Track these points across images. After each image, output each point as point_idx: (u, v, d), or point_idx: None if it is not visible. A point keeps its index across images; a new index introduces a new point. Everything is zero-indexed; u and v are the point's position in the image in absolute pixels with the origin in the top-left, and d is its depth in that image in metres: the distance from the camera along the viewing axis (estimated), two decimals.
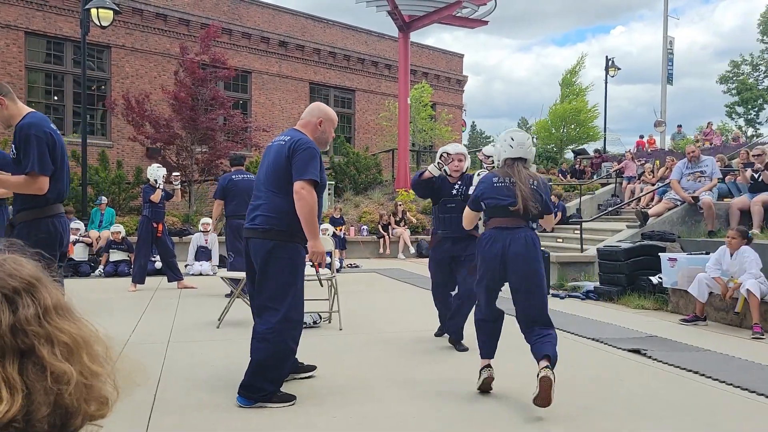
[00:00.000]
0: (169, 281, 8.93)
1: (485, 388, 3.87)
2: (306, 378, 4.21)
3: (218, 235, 10.48)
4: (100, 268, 10.82)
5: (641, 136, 23.94)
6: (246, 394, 3.57)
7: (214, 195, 8.28)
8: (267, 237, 3.60)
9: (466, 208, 4.13)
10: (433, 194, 5.20)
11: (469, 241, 4.86)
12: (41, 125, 3.36)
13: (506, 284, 3.86)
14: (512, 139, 3.90)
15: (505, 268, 3.75)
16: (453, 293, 5.30)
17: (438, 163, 5.08)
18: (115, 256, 10.85)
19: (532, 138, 4.37)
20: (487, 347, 3.98)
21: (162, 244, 8.95)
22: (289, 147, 3.62)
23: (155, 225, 8.81)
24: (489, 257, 3.78)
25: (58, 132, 3.47)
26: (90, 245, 11.30)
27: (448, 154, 5.09)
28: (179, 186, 9.42)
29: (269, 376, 3.57)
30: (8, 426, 0.80)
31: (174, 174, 9.44)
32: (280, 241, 3.58)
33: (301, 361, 4.26)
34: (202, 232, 11.34)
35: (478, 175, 4.53)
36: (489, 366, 3.89)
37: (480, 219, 4.84)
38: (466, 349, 5.05)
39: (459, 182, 5.12)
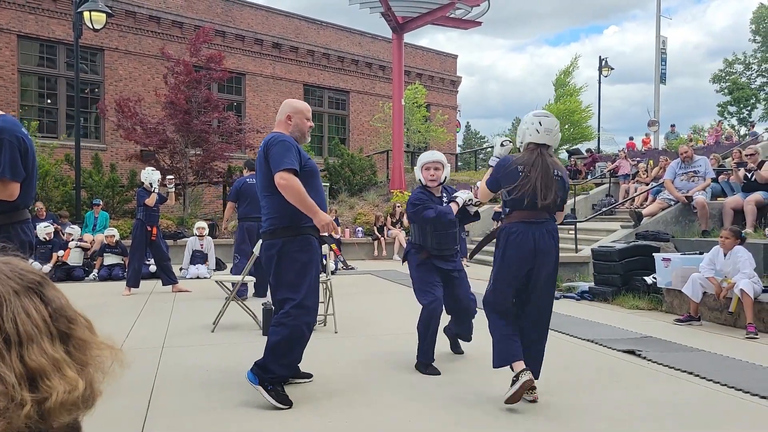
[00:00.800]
0: (163, 284, 8.91)
1: (517, 398, 3.51)
2: (302, 383, 4.20)
3: (226, 235, 10.47)
4: (95, 271, 10.78)
5: (631, 138, 24.07)
6: (256, 371, 3.69)
7: (228, 197, 8.50)
8: (275, 236, 3.77)
9: (483, 185, 3.93)
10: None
11: (456, 255, 4.73)
12: (13, 130, 3.29)
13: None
14: (540, 123, 3.70)
15: (533, 264, 3.63)
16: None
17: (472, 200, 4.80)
18: (109, 259, 10.82)
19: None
20: (515, 345, 3.68)
21: (156, 248, 8.92)
22: (264, 149, 3.78)
23: (149, 228, 8.78)
24: (521, 251, 3.61)
25: (29, 137, 3.43)
26: (86, 249, 11.25)
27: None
28: (174, 189, 9.38)
29: (281, 359, 3.70)
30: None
31: (168, 177, 9.41)
32: (287, 236, 3.74)
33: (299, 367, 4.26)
34: (198, 236, 11.29)
35: (503, 145, 3.98)
36: (527, 369, 3.58)
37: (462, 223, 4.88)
38: (461, 352, 5.06)
39: (445, 195, 4.71)
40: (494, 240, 3.99)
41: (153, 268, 10.04)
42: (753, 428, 3.37)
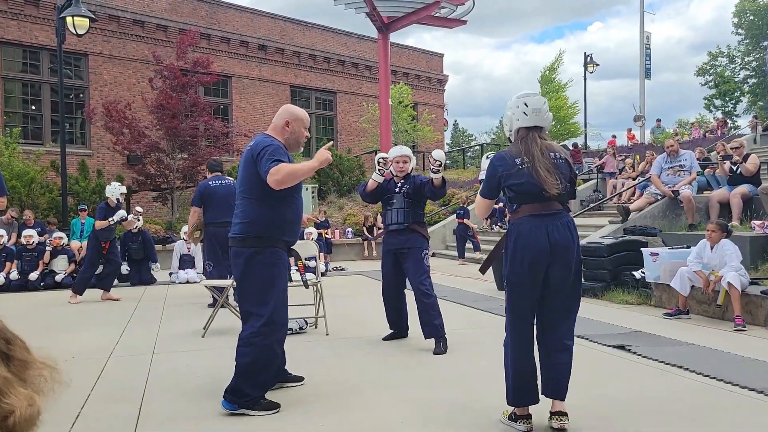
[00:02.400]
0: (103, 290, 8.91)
1: None
2: (293, 386, 4.19)
3: (196, 245, 10.35)
4: (36, 274, 10.48)
5: (614, 136, 24.22)
6: (231, 399, 3.57)
7: (191, 202, 8.09)
8: (245, 245, 3.64)
9: (479, 197, 3.48)
10: (381, 196, 5.53)
11: (410, 234, 5.27)
12: None
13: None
14: (526, 105, 3.27)
15: (550, 261, 3.15)
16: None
17: (378, 170, 5.41)
18: (61, 264, 10.66)
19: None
20: (526, 390, 3.25)
21: (110, 260, 8.93)
22: (252, 153, 3.64)
23: (103, 244, 8.76)
24: (533, 252, 3.13)
25: None
26: (71, 257, 11.16)
27: (384, 159, 5.42)
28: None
29: (254, 380, 3.58)
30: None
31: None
32: (258, 247, 3.61)
33: (289, 370, 4.25)
34: (185, 240, 11.25)
35: (487, 158, 3.80)
36: (529, 416, 3.26)
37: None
38: (443, 352, 5.02)
39: (403, 180, 5.45)
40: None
41: (126, 269, 10.15)
42: (742, 420, 3.39)
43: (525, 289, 3.18)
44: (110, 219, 8.59)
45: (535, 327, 3.29)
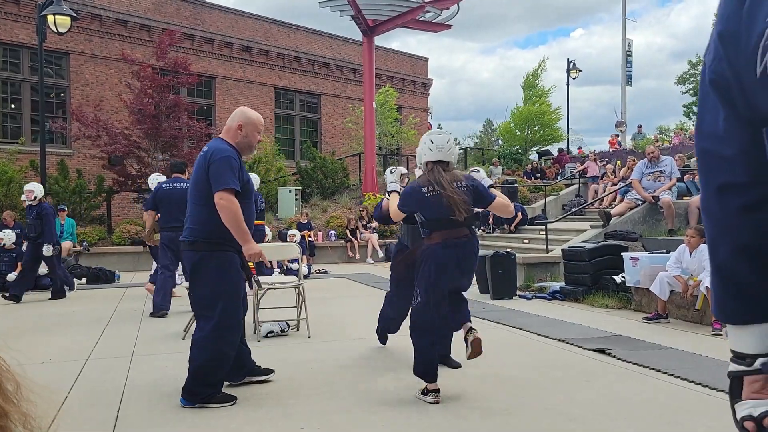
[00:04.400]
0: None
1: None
2: (262, 381, 4.19)
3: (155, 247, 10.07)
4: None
5: (579, 148, 24.69)
6: (187, 397, 3.72)
7: (145, 205, 7.88)
8: (194, 248, 3.73)
9: (395, 207, 4.03)
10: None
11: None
12: None
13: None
14: (431, 141, 3.86)
15: (456, 280, 3.84)
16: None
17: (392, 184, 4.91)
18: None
19: (453, 140, 4.06)
20: (434, 368, 3.89)
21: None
22: (205, 158, 3.71)
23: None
24: (442, 274, 3.75)
25: None
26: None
27: (404, 174, 4.99)
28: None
29: (207, 380, 3.72)
30: None
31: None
32: (207, 251, 3.69)
33: (259, 364, 4.29)
34: None
35: (391, 172, 4.64)
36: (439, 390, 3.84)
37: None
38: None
39: None
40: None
41: (44, 270, 9.80)
42: (718, 423, 3.43)
43: (436, 303, 3.79)
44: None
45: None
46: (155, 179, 8.65)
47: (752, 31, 0.90)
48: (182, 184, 7.40)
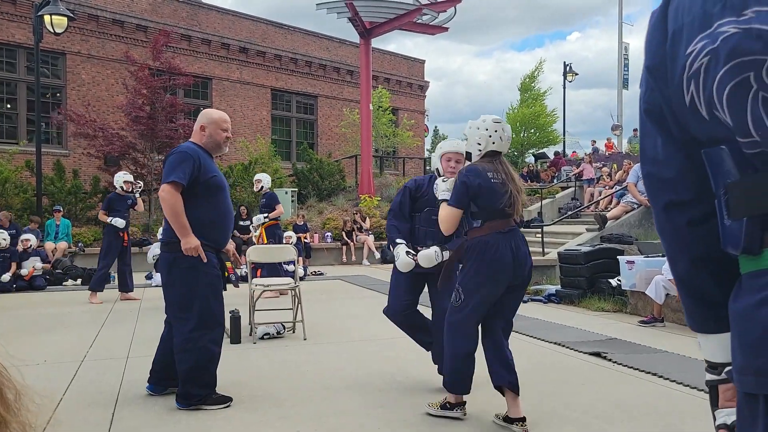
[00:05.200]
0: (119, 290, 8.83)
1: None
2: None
3: (146, 238, 10.23)
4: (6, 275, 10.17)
5: (573, 152, 24.88)
6: (183, 401, 3.72)
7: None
8: (168, 249, 3.76)
9: (448, 208, 3.41)
10: (414, 205, 4.23)
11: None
12: None
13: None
14: (503, 130, 3.48)
15: (513, 276, 3.36)
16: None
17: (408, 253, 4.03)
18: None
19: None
20: (467, 381, 3.53)
21: (125, 254, 8.81)
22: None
23: (121, 234, 8.65)
24: (497, 267, 3.31)
25: None
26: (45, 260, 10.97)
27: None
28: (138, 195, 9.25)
29: (198, 382, 3.72)
30: None
31: (137, 183, 9.31)
32: (179, 252, 3.69)
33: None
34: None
35: (444, 180, 3.61)
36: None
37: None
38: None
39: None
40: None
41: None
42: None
43: (481, 299, 3.37)
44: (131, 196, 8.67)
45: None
46: (121, 177, 8.77)
47: (676, 65, 1.00)
48: None
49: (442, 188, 3.55)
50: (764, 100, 0.88)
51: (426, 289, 4.27)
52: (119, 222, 8.44)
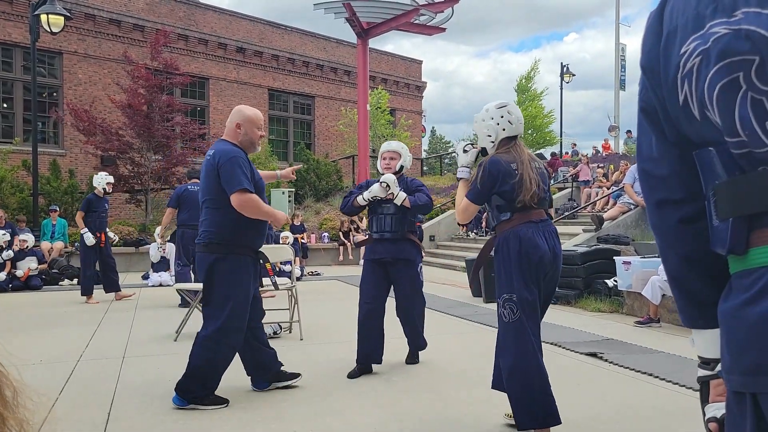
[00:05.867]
0: (106, 292, 8.76)
1: None
2: (286, 387, 4.18)
3: (163, 243, 10.25)
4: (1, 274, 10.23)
5: (566, 153, 24.98)
6: (181, 394, 3.72)
7: (167, 203, 8.34)
8: (208, 251, 3.74)
9: (467, 201, 3.25)
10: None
11: (403, 243, 4.57)
12: None
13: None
14: (509, 113, 3.27)
15: (549, 268, 3.18)
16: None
17: (372, 197, 4.55)
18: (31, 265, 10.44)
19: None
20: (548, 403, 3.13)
21: (106, 256, 8.79)
22: (214, 162, 3.73)
23: (98, 234, 8.59)
24: (537, 258, 3.09)
25: None
26: (41, 260, 10.95)
27: (387, 185, 4.50)
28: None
29: (202, 381, 3.72)
30: None
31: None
32: (220, 254, 3.70)
33: (284, 369, 4.29)
34: (158, 242, 11.12)
35: (465, 150, 3.43)
36: None
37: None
38: (416, 362, 4.92)
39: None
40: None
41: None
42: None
43: (528, 301, 3.10)
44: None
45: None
46: (103, 179, 8.69)
47: (669, 65, 1.02)
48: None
49: (463, 161, 3.38)
50: (753, 101, 0.89)
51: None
52: (89, 239, 8.37)
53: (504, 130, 3.25)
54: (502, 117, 3.25)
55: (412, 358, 4.99)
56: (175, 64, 15.83)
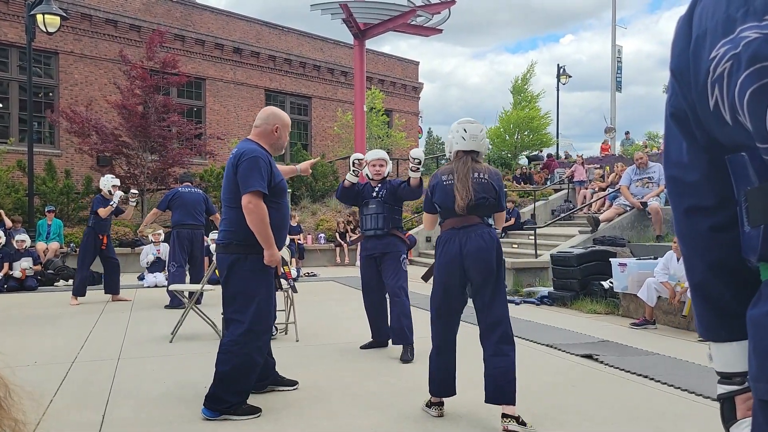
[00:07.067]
0: (105, 292, 8.75)
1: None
2: (285, 390, 4.17)
3: (138, 239, 10.28)
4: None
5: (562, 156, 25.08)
6: (211, 406, 3.58)
7: (157, 205, 8.46)
8: (228, 251, 3.69)
9: (424, 215, 3.88)
10: (357, 199, 5.50)
11: (389, 238, 5.27)
12: None
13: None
14: (465, 130, 3.64)
15: (464, 269, 3.50)
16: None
17: (353, 171, 5.34)
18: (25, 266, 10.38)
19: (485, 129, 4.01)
20: (437, 383, 3.66)
21: (109, 258, 8.76)
22: (236, 161, 3.68)
23: (100, 237, 8.62)
24: (446, 260, 3.52)
25: None
26: (36, 260, 10.91)
27: (359, 160, 5.35)
28: (135, 204, 9.21)
29: (233, 388, 3.60)
30: None
31: (132, 192, 9.21)
32: (241, 254, 3.65)
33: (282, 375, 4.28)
34: (153, 242, 11.14)
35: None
36: (441, 404, 3.68)
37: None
38: (410, 360, 5.04)
39: (380, 185, 5.43)
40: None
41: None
42: (705, 429, 3.45)
43: (438, 294, 3.63)
44: (111, 202, 8.58)
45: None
46: (109, 181, 8.80)
47: (699, 69, 1.00)
48: (193, 189, 8.44)
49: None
50: None
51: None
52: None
53: (457, 143, 3.65)
54: (457, 132, 3.66)
55: (404, 355, 5.08)
56: (174, 62, 15.78)
